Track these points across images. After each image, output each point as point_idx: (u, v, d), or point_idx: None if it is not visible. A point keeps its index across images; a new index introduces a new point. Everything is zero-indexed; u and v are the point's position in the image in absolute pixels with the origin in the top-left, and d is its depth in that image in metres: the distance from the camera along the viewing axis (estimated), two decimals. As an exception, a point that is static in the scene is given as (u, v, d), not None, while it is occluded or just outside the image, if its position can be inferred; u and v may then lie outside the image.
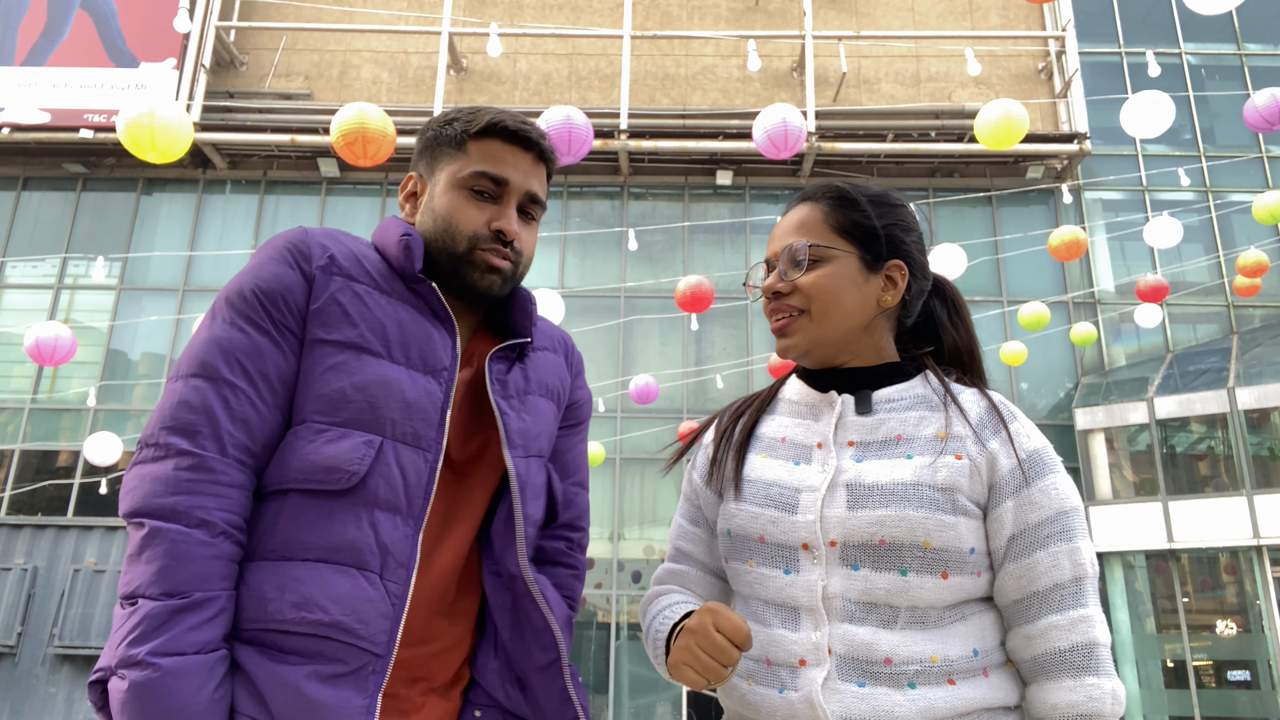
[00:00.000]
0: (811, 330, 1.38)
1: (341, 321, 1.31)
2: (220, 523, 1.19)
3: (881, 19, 17.21)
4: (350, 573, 1.24)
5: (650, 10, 17.30)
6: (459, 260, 1.40)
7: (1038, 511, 1.26)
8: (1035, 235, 15.33)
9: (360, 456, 1.26)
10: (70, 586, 9.59)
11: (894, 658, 1.21)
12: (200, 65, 16.23)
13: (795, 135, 6.18)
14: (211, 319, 1.30)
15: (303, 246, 1.34)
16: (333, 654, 1.20)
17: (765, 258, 1.46)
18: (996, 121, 6.14)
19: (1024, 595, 1.25)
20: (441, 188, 1.44)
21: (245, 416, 1.24)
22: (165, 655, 1.11)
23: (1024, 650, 1.25)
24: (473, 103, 16.64)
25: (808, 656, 1.25)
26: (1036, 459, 1.29)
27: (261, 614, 1.21)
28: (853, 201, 1.41)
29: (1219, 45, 17.28)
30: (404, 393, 1.30)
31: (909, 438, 1.30)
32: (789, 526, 1.30)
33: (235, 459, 1.23)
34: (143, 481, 1.19)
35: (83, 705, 9.27)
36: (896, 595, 1.23)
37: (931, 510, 1.23)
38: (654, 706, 13.97)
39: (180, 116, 5.16)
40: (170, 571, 1.14)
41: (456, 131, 1.45)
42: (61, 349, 8.05)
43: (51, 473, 15.23)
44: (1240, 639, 13.64)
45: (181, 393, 1.24)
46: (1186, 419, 14.35)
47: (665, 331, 15.77)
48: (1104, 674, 1.20)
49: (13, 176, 16.76)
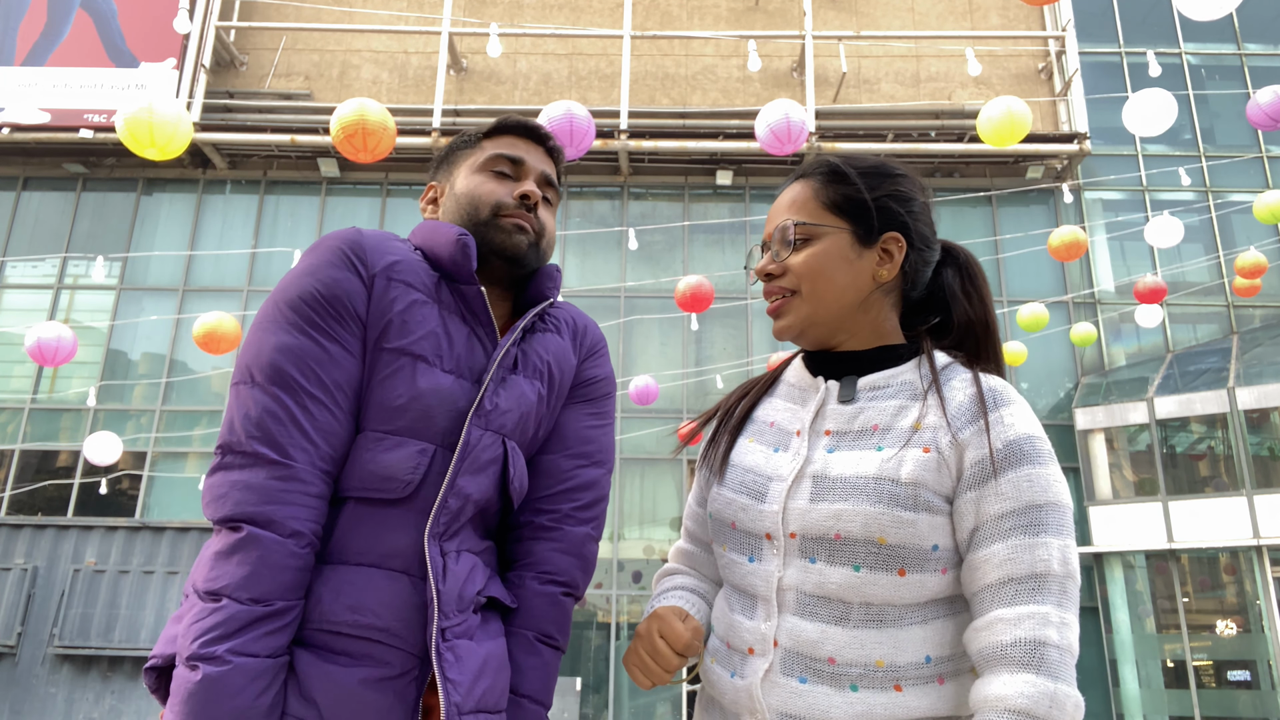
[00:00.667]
0: (804, 310, 1.35)
1: (399, 330, 1.33)
2: (309, 533, 1.23)
3: (881, 19, 17.22)
4: (399, 578, 1.28)
5: (650, 10, 17.31)
6: (485, 226, 1.44)
7: (1002, 503, 1.18)
8: (1035, 235, 15.34)
9: (415, 465, 1.29)
10: (70, 586, 9.58)
11: (838, 658, 1.19)
12: (200, 65, 16.23)
13: (798, 129, 6.18)
14: (275, 324, 1.30)
15: (358, 250, 1.35)
16: (381, 657, 1.24)
17: (762, 240, 1.44)
18: (999, 119, 6.14)
19: (979, 588, 1.18)
20: (461, 177, 1.50)
21: (328, 427, 1.27)
22: (242, 655, 1.15)
23: (972, 644, 1.17)
24: (473, 103, 16.66)
25: (755, 646, 1.25)
26: (1014, 449, 1.20)
27: (316, 615, 1.24)
28: (843, 175, 1.37)
29: (1219, 45, 17.29)
30: (457, 402, 1.34)
31: (885, 428, 1.26)
32: (756, 515, 1.29)
33: (321, 470, 1.26)
34: (233, 489, 1.21)
35: (83, 705, 9.26)
36: (848, 591, 1.20)
37: (889, 506, 1.18)
38: (654, 706, 13.96)
39: (179, 113, 5.16)
40: (260, 578, 1.18)
41: (470, 136, 1.54)
42: (63, 349, 8.04)
43: (51, 473, 15.22)
44: (1240, 639, 13.63)
45: (263, 402, 1.25)
46: (1186, 419, 14.35)
47: (665, 331, 15.77)
48: (1047, 674, 1.09)
49: (13, 176, 16.76)
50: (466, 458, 1.35)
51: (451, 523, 1.34)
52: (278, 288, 1.34)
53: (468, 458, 1.35)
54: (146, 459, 15.11)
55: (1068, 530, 1.18)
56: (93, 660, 9.40)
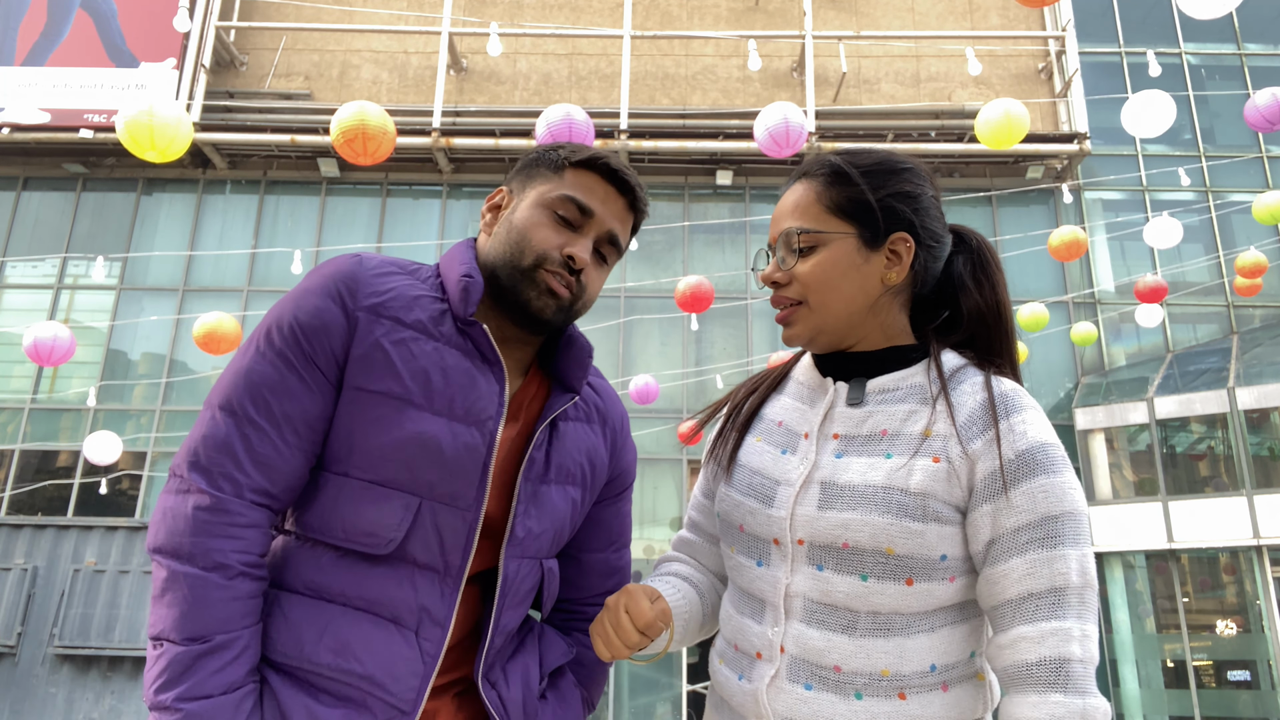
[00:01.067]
0: (812, 320, 1.32)
1: (384, 371, 1.26)
2: (236, 564, 1.19)
3: (881, 19, 17.21)
4: (388, 627, 1.24)
5: (650, 10, 17.31)
6: (521, 275, 1.33)
7: (1017, 516, 1.16)
8: (1035, 235, 15.33)
9: (397, 522, 1.24)
10: (70, 586, 9.58)
11: (843, 666, 1.18)
12: (200, 65, 16.22)
13: (796, 133, 6.18)
14: (250, 347, 1.28)
15: (350, 282, 1.29)
16: (362, 702, 1.22)
17: (768, 242, 1.40)
18: (997, 121, 6.14)
19: (997, 603, 1.17)
20: (527, 204, 1.38)
21: (266, 459, 1.23)
22: (192, 699, 1.13)
23: (996, 660, 1.18)
24: (473, 103, 16.65)
25: (763, 651, 1.25)
26: (1028, 459, 1.17)
27: (299, 653, 1.22)
28: (845, 177, 1.33)
29: (1219, 45, 17.29)
30: (442, 451, 1.25)
31: (894, 434, 1.24)
32: (765, 520, 1.27)
33: (251, 500, 1.22)
34: (166, 516, 1.20)
35: (83, 705, 9.27)
36: (856, 600, 1.19)
37: (898, 516, 1.17)
38: (654, 706, 13.96)
39: (179, 115, 5.16)
40: (191, 616, 1.15)
41: (559, 157, 1.40)
42: (60, 349, 8.04)
43: (51, 473, 15.22)
44: (1240, 639, 13.63)
45: (208, 426, 1.23)
46: (1186, 419, 14.35)
47: (665, 331, 15.77)
48: (1073, 692, 1.10)
49: (13, 176, 16.76)
50: (508, 594, 1.32)
51: (495, 660, 1.34)
52: (270, 310, 1.31)
53: (509, 594, 1.33)
54: (146, 459, 15.11)
55: (1085, 539, 1.17)
56: (93, 660, 9.40)
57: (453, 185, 16.68)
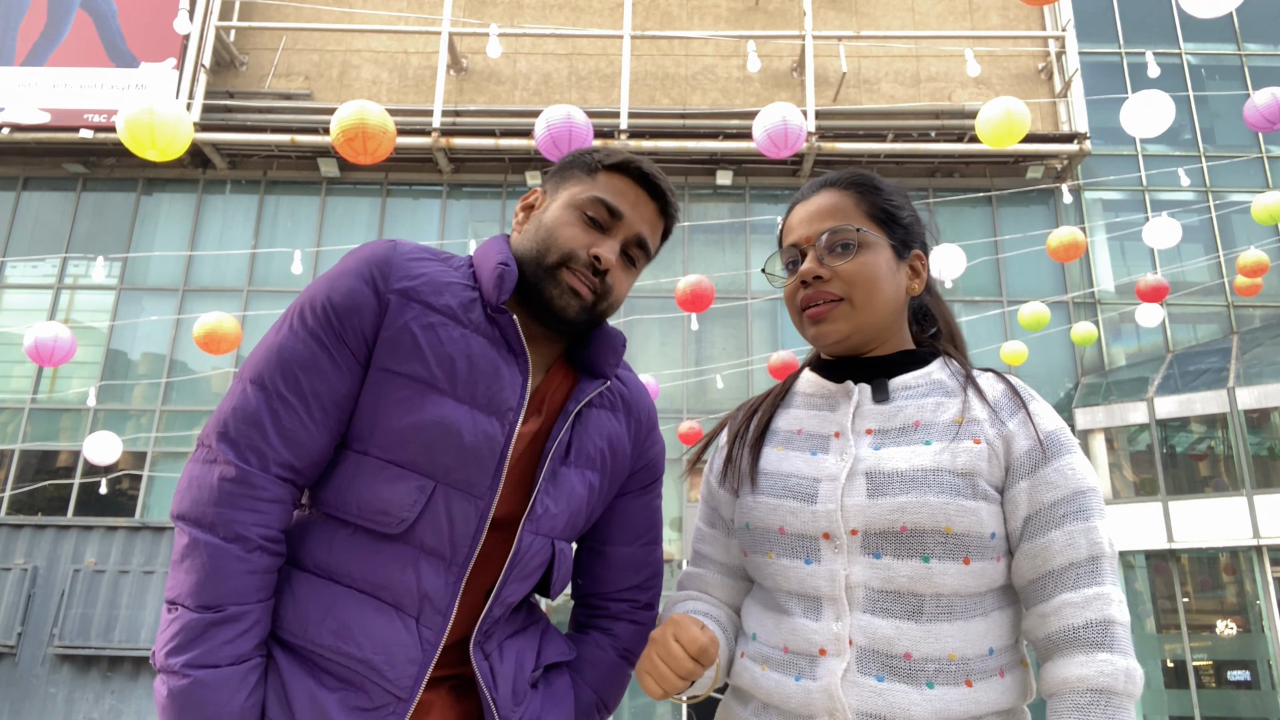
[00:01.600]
0: (855, 318, 1.35)
1: (410, 354, 1.29)
2: (256, 537, 1.21)
3: (881, 19, 17.21)
4: (389, 612, 1.26)
5: (650, 10, 17.31)
6: (545, 273, 1.35)
7: (1053, 491, 1.24)
8: (1035, 235, 15.33)
9: (411, 503, 1.26)
10: (70, 586, 9.58)
11: (914, 653, 1.20)
12: (200, 65, 16.23)
13: (795, 134, 6.17)
14: (283, 324, 1.30)
15: (384, 265, 1.31)
16: (360, 685, 1.24)
17: (791, 242, 1.42)
18: (998, 119, 6.14)
19: (1039, 574, 1.23)
20: (558, 204, 1.40)
21: (294, 434, 1.25)
22: (200, 667, 1.15)
23: (1039, 629, 1.23)
24: (473, 103, 16.66)
25: (828, 646, 1.24)
26: (1054, 439, 1.27)
27: (303, 631, 1.25)
28: (879, 189, 1.41)
29: (1219, 45, 17.29)
30: (461, 437, 1.27)
31: (927, 424, 1.29)
32: (809, 517, 1.29)
33: (277, 475, 1.24)
34: (191, 485, 1.22)
35: (83, 705, 9.26)
36: (920, 583, 1.22)
37: (952, 495, 1.22)
38: (654, 707, 13.97)
39: (180, 114, 5.16)
40: (207, 584, 1.18)
41: (593, 160, 1.42)
42: (61, 349, 8.04)
43: (51, 473, 15.22)
44: (1240, 639, 13.64)
45: (239, 399, 1.26)
46: (1186, 419, 14.35)
47: (665, 331, 15.77)
48: (1119, 651, 1.17)
49: (13, 176, 16.76)
50: (516, 566, 1.33)
51: (492, 627, 1.35)
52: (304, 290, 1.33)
53: (517, 565, 1.33)
54: (146, 459, 15.11)
55: (1105, 512, 1.26)
56: (93, 660, 9.40)
57: (453, 185, 16.68)
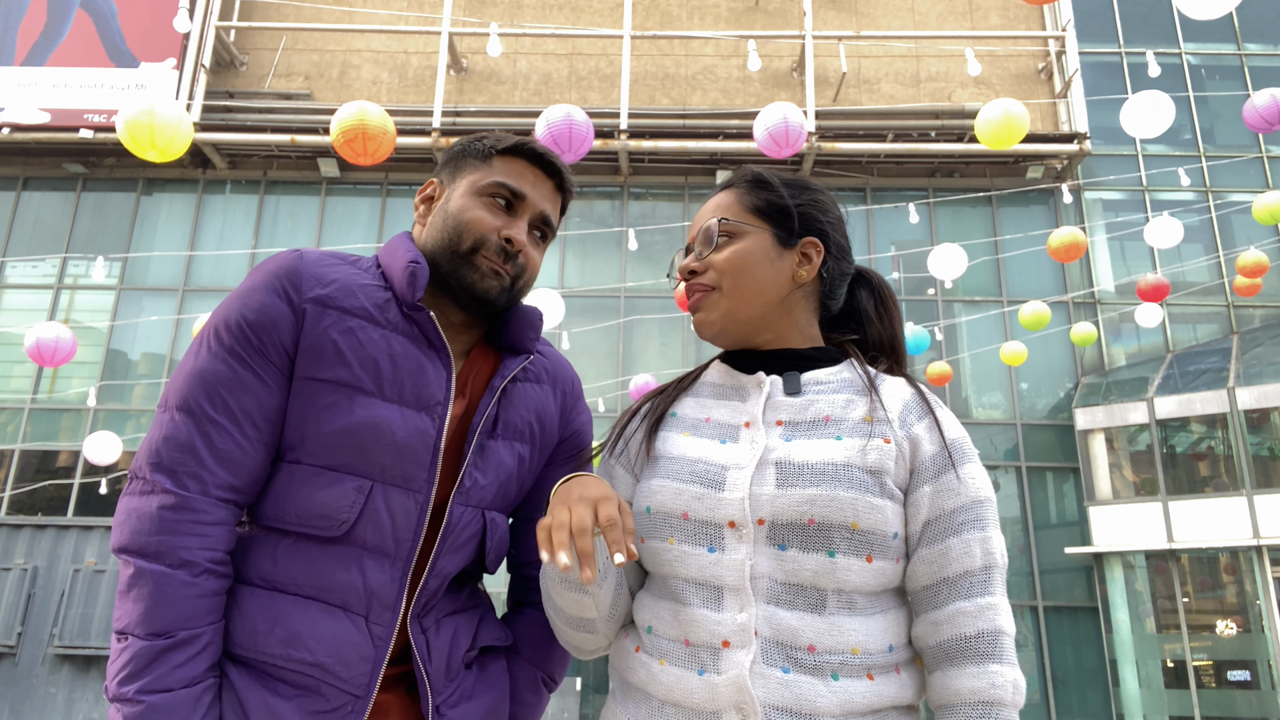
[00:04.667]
0: (724, 304, 1.37)
1: (333, 360, 1.29)
2: (203, 561, 1.21)
3: (881, 19, 17.21)
4: (337, 614, 1.27)
5: (650, 10, 17.30)
6: (461, 259, 1.38)
7: (954, 498, 1.25)
8: (1035, 235, 15.34)
9: (350, 504, 1.27)
10: (70, 586, 9.58)
11: (818, 646, 1.19)
12: (200, 65, 16.23)
13: (796, 133, 6.18)
14: (200, 347, 1.30)
15: (293, 276, 1.32)
16: (315, 689, 1.25)
17: (686, 245, 1.46)
18: (997, 121, 6.14)
19: (934, 581, 1.24)
20: (459, 193, 1.43)
21: (229, 455, 1.25)
22: (152, 693, 1.15)
23: (930, 636, 1.24)
24: (473, 103, 16.66)
25: (732, 638, 1.21)
26: (957, 446, 1.28)
27: (253, 644, 1.25)
28: (766, 183, 1.43)
29: (1219, 45, 17.29)
30: (394, 435, 1.29)
31: (837, 419, 1.29)
32: (714, 503, 1.25)
33: (217, 497, 1.24)
34: (129, 517, 1.22)
35: (83, 705, 9.27)
36: (823, 577, 1.21)
37: (861, 491, 1.21)
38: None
39: (179, 115, 5.16)
40: (155, 612, 1.18)
41: (485, 146, 1.45)
42: (62, 349, 8.04)
43: (51, 473, 15.22)
44: (1240, 639, 13.64)
45: (168, 427, 1.25)
46: (1186, 419, 14.35)
47: (665, 331, 15.77)
48: (1007, 663, 1.19)
49: (13, 176, 16.76)
50: (449, 538, 1.34)
51: (430, 600, 1.36)
52: (215, 310, 1.33)
53: (449, 538, 1.34)
54: (147, 459, 15.10)
55: (998, 523, 1.29)
56: (93, 660, 9.40)
57: (453, 185, 16.67)
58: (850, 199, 16.63)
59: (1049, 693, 14.08)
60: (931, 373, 11.37)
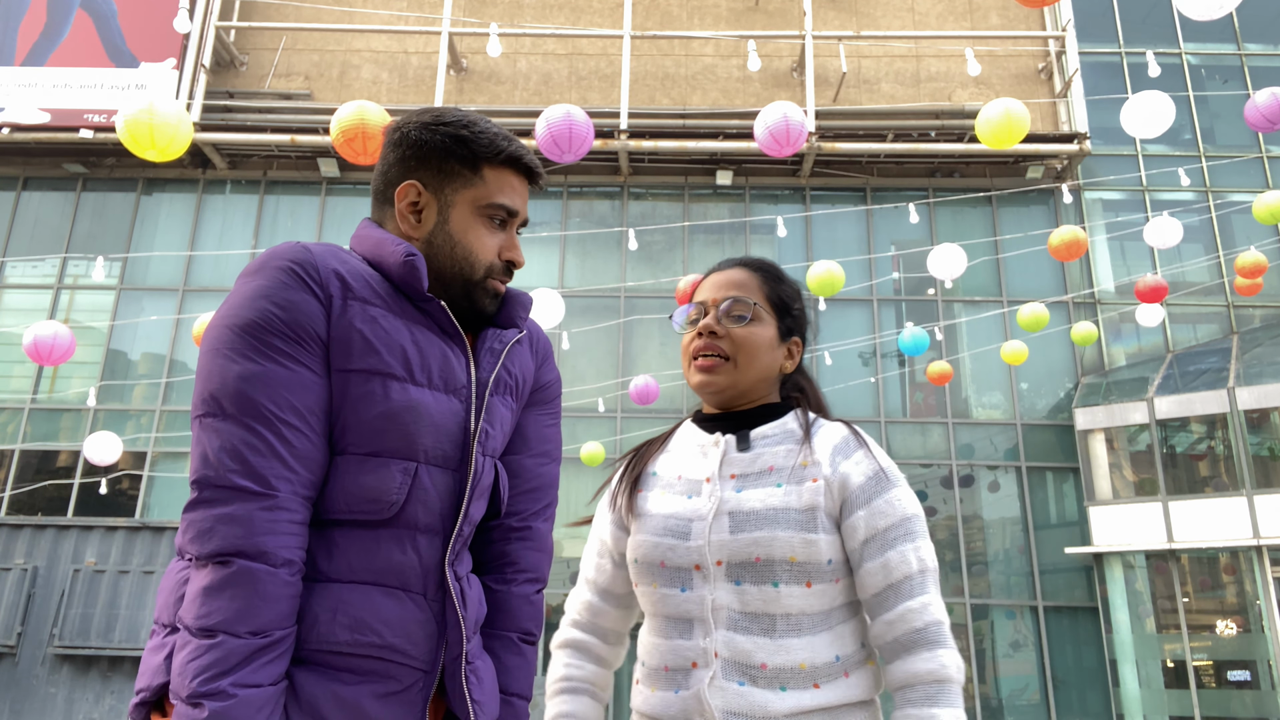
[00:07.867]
0: (734, 376, 1.61)
1: (363, 349, 1.31)
2: (300, 561, 1.25)
3: (881, 19, 17.21)
4: (398, 595, 1.31)
5: (650, 10, 17.30)
6: (473, 286, 1.44)
7: (886, 519, 1.49)
8: (1035, 235, 15.33)
9: (398, 485, 1.31)
10: (70, 586, 9.57)
11: (769, 664, 1.44)
12: (200, 65, 16.23)
13: (796, 131, 6.17)
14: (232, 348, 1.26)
15: (311, 269, 1.31)
16: (386, 673, 1.28)
17: (700, 300, 1.67)
18: (997, 120, 6.13)
19: (882, 588, 1.48)
20: (459, 212, 1.44)
21: (306, 454, 1.27)
22: (245, 687, 1.16)
23: (886, 634, 1.47)
24: (473, 103, 16.65)
25: (698, 659, 1.48)
26: (885, 474, 1.53)
27: (313, 636, 1.25)
28: (780, 279, 1.70)
29: (1219, 45, 17.29)
30: (434, 417, 1.35)
31: (779, 468, 1.54)
32: (684, 551, 1.52)
33: (303, 496, 1.26)
34: (219, 523, 1.20)
35: (83, 705, 9.26)
36: (771, 604, 1.46)
37: (797, 530, 1.47)
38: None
39: (179, 114, 5.15)
40: (257, 611, 1.19)
41: (469, 153, 1.44)
42: (60, 348, 8.04)
43: (51, 473, 15.22)
44: (1240, 639, 13.64)
45: (238, 434, 1.23)
46: (1186, 419, 14.35)
47: (665, 331, 15.77)
48: (948, 647, 1.44)
49: (13, 176, 16.76)
50: (477, 485, 1.40)
51: (462, 549, 1.41)
52: (226, 311, 1.29)
53: (478, 485, 1.40)
54: (146, 459, 15.11)
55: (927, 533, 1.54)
56: (93, 660, 9.40)
57: (453, 185, 16.66)
58: (850, 199, 16.63)
59: (1049, 693, 14.07)
60: (931, 372, 11.37)
